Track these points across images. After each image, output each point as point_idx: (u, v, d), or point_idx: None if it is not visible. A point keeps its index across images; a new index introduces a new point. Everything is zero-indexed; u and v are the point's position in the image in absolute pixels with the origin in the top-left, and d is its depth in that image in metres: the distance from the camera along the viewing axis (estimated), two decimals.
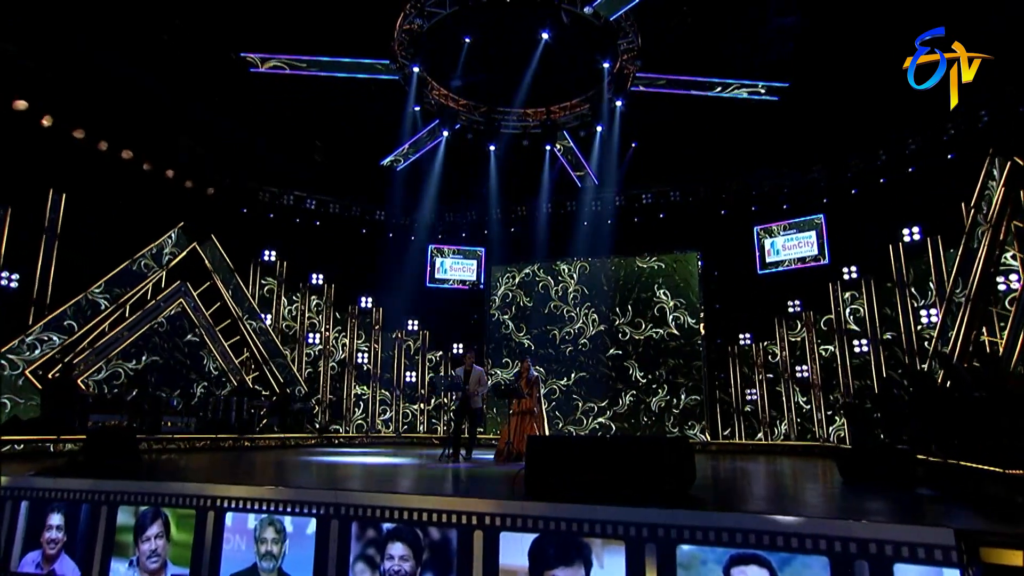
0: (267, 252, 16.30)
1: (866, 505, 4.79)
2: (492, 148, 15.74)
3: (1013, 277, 10.30)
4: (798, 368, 14.37)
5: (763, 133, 14.47)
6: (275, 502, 4.68)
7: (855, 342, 13.46)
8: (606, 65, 13.16)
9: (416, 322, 17.56)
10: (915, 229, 12.71)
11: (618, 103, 14.02)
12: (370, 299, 17.28)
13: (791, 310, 14.75)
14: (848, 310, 13.64)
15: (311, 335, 16.45)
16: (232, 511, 4.74)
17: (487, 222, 18.01)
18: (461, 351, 17.30)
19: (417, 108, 14.63)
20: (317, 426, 15.42)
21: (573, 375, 16.33)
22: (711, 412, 15.16)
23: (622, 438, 8.49)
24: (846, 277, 13.83)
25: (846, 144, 13.87)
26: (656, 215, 16.54)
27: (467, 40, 12.68)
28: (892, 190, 13.27)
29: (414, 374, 17.19)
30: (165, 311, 13.69)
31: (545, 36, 12.60)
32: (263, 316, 15.56)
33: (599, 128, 14.96)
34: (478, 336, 17.37)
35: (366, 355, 16.90)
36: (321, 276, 16.87)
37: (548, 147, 15.43)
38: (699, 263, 16.02)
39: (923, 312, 12.34)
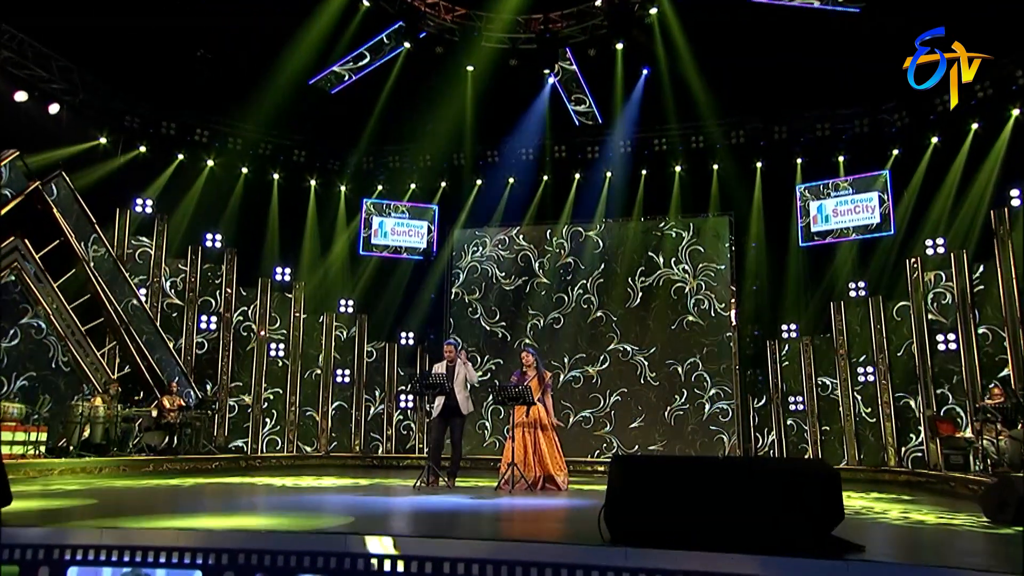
0: (141, 200, 14.50)
1: None
2: (470, 69, 14.23)
3: None
4: (860, 369, 13.57)
5: (819, 64, 13.52)
6: (142, 549, 4.29)
7: (939, 337, 12.71)
8: None
9: (351, 303, 16.08)
10: None
11: (652, 10, 12.72)
12: (288, 270, 15.69)
13: (853, 294, 13.93)
14: (931, 295, 12.89)
15: (205, 318, 14.74)
16: (77, 564, 4.31)
17: (448, 170, 16.55)
18: (412, 341, 16.06)
19: (368, 4, 13.03)
20: (214, 444, 13.80)
21: (563, 375, 15.17)
22: (744, 425, 14.31)
23: (743, 461, 7.84)
24: (929, 252, 13.04)
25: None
26: (673, 166, 15.46)
27: None
28: (993, 136, 12.48)
29: (348, 372, 15.70)
30: None
31: None
32: (137, 290, 13.79)
33: (619, 46, 13.64)
34: (436, 322, 16.12)
35: (282, 346, 15.30)
36: (219, 237, 15.17)
37: (548, 73, 14.03)
38: (730, 232, 15.08)
39: None
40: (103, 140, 14.15)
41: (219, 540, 4.31)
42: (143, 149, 14.60)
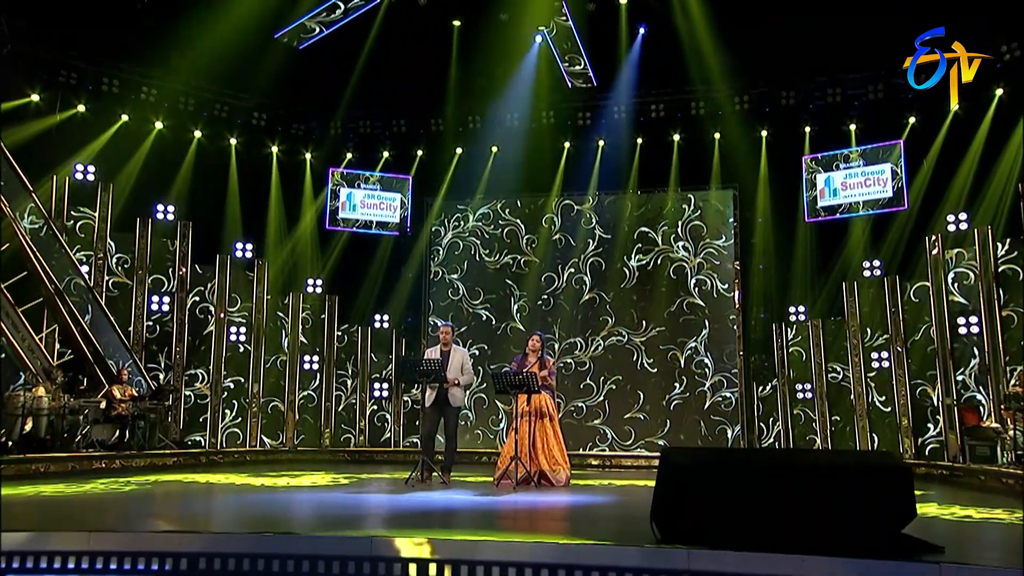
0: (82, 167, 13.75)
1: None
2: (457, 24, 13.72)
3: None
4: (875, 355, 13.37)
5: (832, 23, 13.30)
6: (100, 555, 4.06)
7: (960, 320, 12.59)
8: None
9: (320, 282, 15.52)
10: None
11: None
12: (250, 246, 15.04)
13: (867, 274, 13.73)
14: (952, 275, 12.76)
15: (156, 298, 14.05)
16: (19, 574, 4.15)
17: (425, 137, 15.99)
18: (387, 324, 15.59)
19: None
20: (170, 439, 13.22)
21: (552, 362, 14.89)
22: (748, 413, 14.18)
23: (806, 453, 7.69)
24: (951, 228, 12.90)
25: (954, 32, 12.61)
26: (671, 134, 15.10)
27: None
28: (1021, 103, 12.12)
29: (316, 358, 15.18)
30: None
31: None
32: (79, 266, 13.13)
33: (623, 0, 13.22)
34: (414, 303, 15.77)
35: (243, 329, 14.68)
36: (171, 209, 14.43)
37: (541, 29, 13.56)
38: (734, 206, 14.86)
39: None
40: (35, 97, 13.35)
41: (186, 543, 4.08)
42: (82, 108, 13.85)
